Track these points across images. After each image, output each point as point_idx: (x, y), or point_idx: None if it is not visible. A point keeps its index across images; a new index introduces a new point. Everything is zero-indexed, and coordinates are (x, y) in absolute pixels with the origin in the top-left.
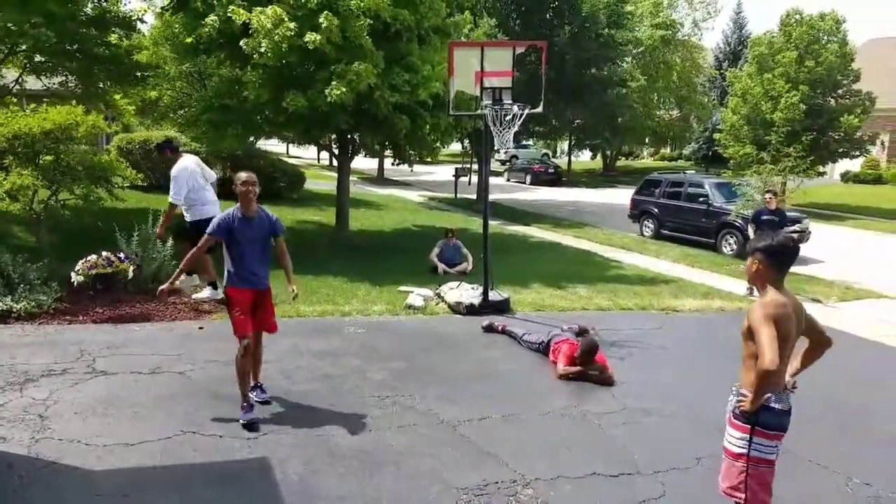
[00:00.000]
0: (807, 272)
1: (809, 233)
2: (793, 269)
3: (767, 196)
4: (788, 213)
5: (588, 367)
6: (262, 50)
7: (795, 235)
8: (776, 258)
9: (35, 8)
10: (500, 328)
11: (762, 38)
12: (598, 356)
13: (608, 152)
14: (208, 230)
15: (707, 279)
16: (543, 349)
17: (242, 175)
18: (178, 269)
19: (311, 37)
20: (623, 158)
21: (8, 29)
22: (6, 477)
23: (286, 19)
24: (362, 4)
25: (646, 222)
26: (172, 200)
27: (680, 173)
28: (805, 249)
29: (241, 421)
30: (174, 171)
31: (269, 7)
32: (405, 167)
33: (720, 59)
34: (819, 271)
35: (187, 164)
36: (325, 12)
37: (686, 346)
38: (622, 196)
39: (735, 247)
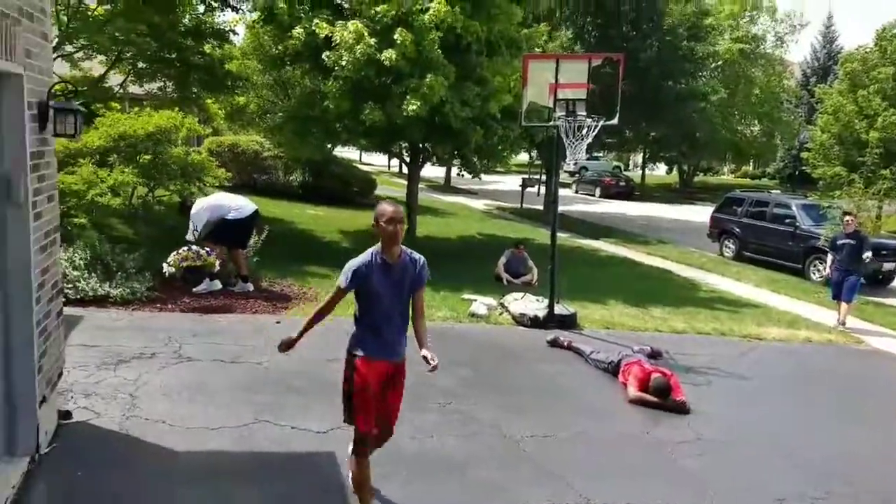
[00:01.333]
0: None
1: None
2: (889, 300)
3: (847, 219)
4: (886, 241)
5: (664, 402)
6: (343, 63)
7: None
8: None
9: (141, 18)
10: (565, 344)
11: (855, 53)
12: (673, 381)
13: (685, 167)
14: (341, 282)
15: (793, 306)
16: (613, 369)
17: (388, 209)
18: (304, 325)
19: (387, 54)
20: (701, 174)
21: (116, 38)
22: (98, 448)
23: (366, 35)
24: (435, 18)
25: (726, 242)
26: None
27: (764, 192)
28: None
29: None
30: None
31: (351, 23)
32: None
33: (808, 75)
34: None
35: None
36: (400, 28)
37: (769, 377)
38: (699, 213)
39: (824, 273)
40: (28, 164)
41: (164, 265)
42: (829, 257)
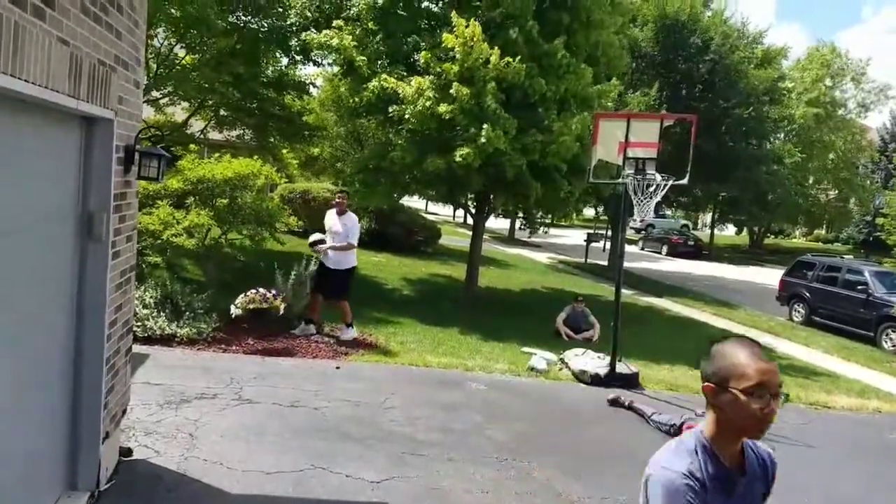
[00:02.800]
0: None
1: None
2: None
3: None
4: None
5: None
6: (406, 116)
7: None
8: None
9: (226, 69)
10: (626, 403)
11: None
12: None
13: (756, 228)
14: None
15: (863, 375)
16: (675, 432)
17: (748, 362)
18: None
19: (444, 108)
20: (772, 236)
21: (201, 86)
22: (155, 487)
23: (426, 89)
24: (495, 70)
25: (796, 306)
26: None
27: (836, 257)
28: None
29: None
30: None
31: (414, 79)
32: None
33: (886, 140)
34: None
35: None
36: (456, 84)
37: (836, 447)
38: (769, 276)
39: None
40: (111, 205)
41: (232, 307)
42: None
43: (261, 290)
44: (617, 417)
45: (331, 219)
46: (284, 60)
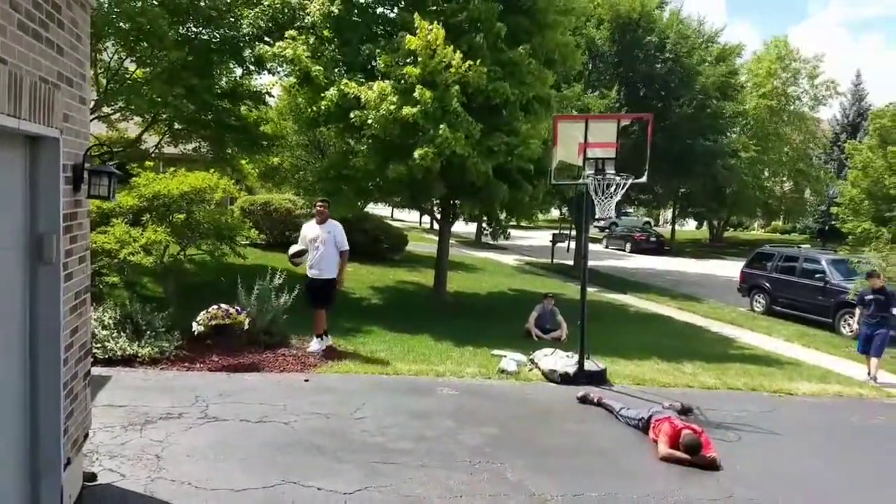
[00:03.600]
0: None
1: None
2: None
3: (871, 281)
4: None
5: (695, 459)
6: (369, 122)
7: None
8: None
9: (179, 81)
10: (595, 400)
11: (885, 109)
12: (704, 437)
13: (715, 222)
14: None
15: (824, 361)
16: (643, 426)
17: None
18: None
19: (408, 110)
20: (731, 229)
21: (154, 100)
22: None
23: (390, 94)
24: (457, 73)
25: (757, 297)
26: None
27: (794, 247)
28: None
29: None
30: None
31: (376, 83)
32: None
33: (837, 132)
34: None
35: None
36: (419, 87)
37: (800, 433)
38: (729, 268)
39: (854, 327)
40: (61, 226)
41: (194, 324)
42: (857, 311)
43: (223, 305)
44: (587, 415)
45: (312, 229)
46: (238, 71)
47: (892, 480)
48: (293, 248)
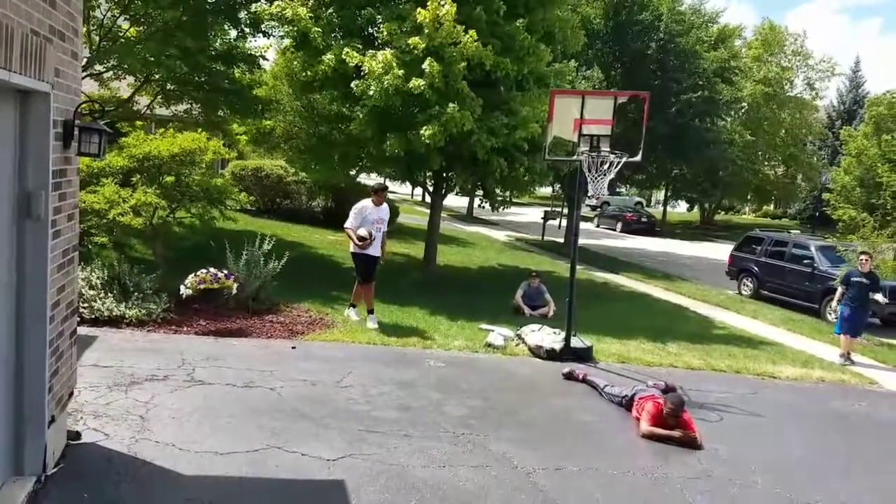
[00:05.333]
0: None
1: None
2: None
3: (862, 258)
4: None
5: (673, 425)
6: (371, 93)
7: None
8: None
9: (173, 42)
10: (580, 377)
11: (881, 97)
12: (686, 416)
13: (707, 205)
14: None
15: (808, 346)
16: (626, 403)
17: None
18: None
19: (415, 82)
20: (722, 212)
21: (147, 59)
22: (105, 470)
23: (395, 65)
24: (466, 52)
25: (745, 280)
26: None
27: (784, 232)
28: None
29: None
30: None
31: (381, 53)
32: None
33: (833, 118)
34: None
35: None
36: (429, 59)
37: (781, 416)
38: (719, 251)
39: (833, 307)
40: (50, 182)
41: (182, 287)
42: (839, 290)
43: (211, 269)
44: (571, 391)
45: (374, 211)
46: (233, 33)
47: (870, 467)
48: (361, 231)
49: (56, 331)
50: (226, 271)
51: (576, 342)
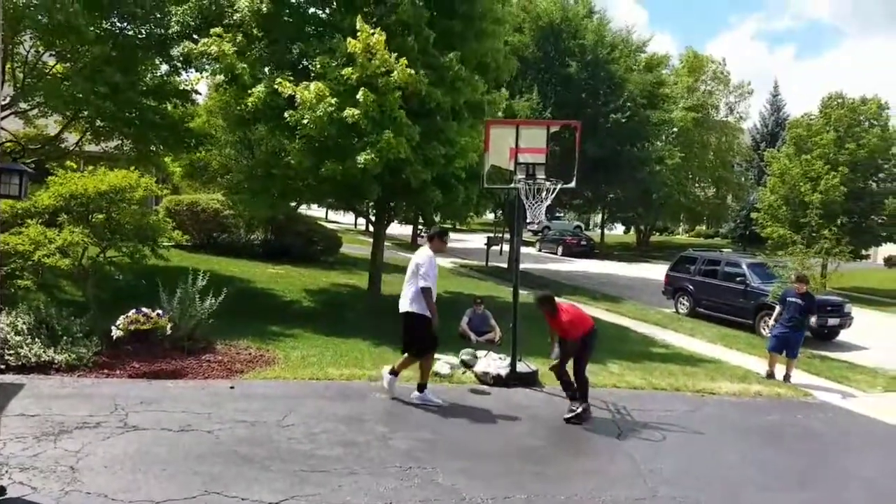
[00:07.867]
0: (850, 358)
1: (851, 318)
2: (834, 354)
3: (797, 284)
4: (830, 298)
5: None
6: (305, 122)
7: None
8: None
9: (101, 78)
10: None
11: (800, 119)
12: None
13: (642, 227)
14: None
15: (744, 361)
16: None
17: None
18: None
19: (349, 112)
20: (657, 234)
21: (74, 97)
22: None
23: (328, 95)
24: (398, 80)
25: (681, 299)
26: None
27: (716, 251)
28: (847, 335)
29: None
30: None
31: (313, 83)
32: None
33: (757, 140)
34: (862, 358)
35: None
36: (363, 89)
37: (721, 431)
38: (656, 271)
39: (770, 323)
40: None
41: (114, 328)
42: (777, 309)
43: (143, 309)
44: (519, 416)
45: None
46: (164, 67)
47: (809, 479)
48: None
49: None
50: (159, 311)
51: (522, 367)
